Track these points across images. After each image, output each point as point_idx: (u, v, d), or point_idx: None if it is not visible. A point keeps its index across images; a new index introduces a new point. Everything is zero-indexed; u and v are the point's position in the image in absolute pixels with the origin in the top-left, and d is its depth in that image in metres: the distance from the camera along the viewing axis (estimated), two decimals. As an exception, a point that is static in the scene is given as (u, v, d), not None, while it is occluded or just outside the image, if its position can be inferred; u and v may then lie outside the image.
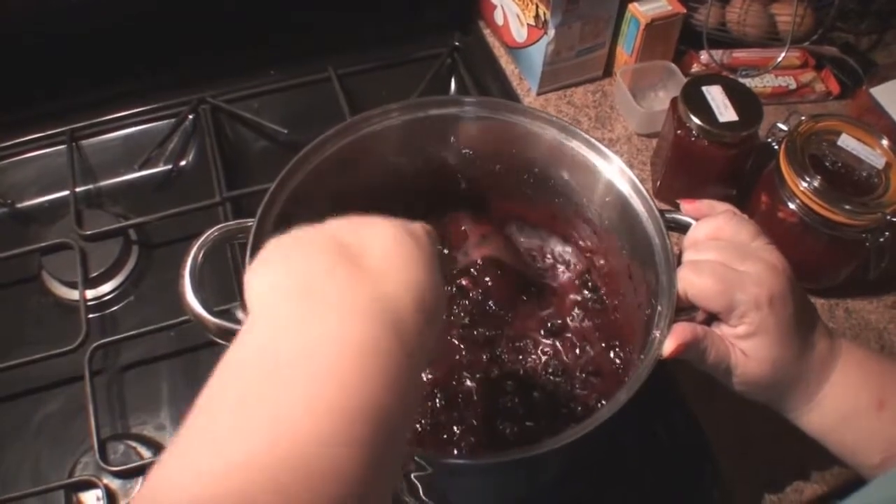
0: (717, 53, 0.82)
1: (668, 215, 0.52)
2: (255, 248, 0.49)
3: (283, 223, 0.51)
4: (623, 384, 0.55)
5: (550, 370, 0.59)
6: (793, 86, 0.83)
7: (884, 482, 0.42)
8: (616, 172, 0.54)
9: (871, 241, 0.63)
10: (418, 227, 0.39)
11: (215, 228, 0.51)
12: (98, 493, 0.58)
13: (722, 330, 0.48)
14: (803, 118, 0.65)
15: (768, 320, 0.46)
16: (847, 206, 0.60)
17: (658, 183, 0.75)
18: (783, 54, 0.81)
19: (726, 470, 0.59)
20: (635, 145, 0.79)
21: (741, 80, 0.75)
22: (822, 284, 0.69)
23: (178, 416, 0.64)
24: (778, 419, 0.51)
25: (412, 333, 0.33)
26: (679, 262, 0.50)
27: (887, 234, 0.62)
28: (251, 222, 0.51)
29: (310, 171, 0.52)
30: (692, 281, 0.48)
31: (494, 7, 0.84)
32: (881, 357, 0.53)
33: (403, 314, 0.33)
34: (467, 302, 0.61)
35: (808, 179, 0.61)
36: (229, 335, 0.49)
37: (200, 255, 0.50)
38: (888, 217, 0.60)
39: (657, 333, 0.47)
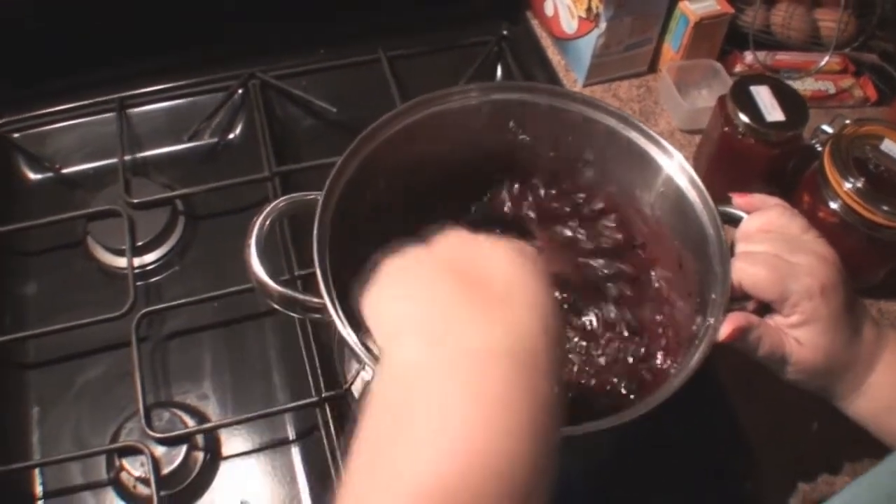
0: (761, 55, 0.83)
1: (720, 208, 0.54)
2: (322, 221, 0.50)
3: (350, 196, 0.52)
4: (669, 374, 0.57)
5: (596, 358, 0.59)
6: (832, 90, 0.84)
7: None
8: (675, 166, 0.55)
9: (908, 243, 0.64)
10: (527, 247, 0.38)
11: (282, 199, 0.52)
12: (143, 458, 0.58)
13: (775, 320, 0.49)
14: (848, 122, 0.66)
15: (820, 309, 0.48)
16: (885, 208, 0.61)
17: (700, 178, 0.75)
18: (826, 59, 0.82)
19: (761, 461, 0.60)
20: (678, 140, 0.80)
21: (782, 81, 0.76)
22: (861, 284, 0.70)
23: (220, 386, 0.64)
24: (813, 413, 0.52)
25: (545, 361, 0.32)
26: (732, 254, 0.51)
27: (925, 237, 0.63)
28: (316, 195, 0.51)
29: (378, 144, 0.53)
30: (746, 271, 0.49)
31: (545, -2, 0.85)
32: None
33: (536, 343, 0.33)
34: None
35: (851, 180, 0.62)
36: (292, 304, 0.50)
37: (266, 223, 0.50)
38: (926, 221, 0.61)
39: (712, 321, 0.48)
